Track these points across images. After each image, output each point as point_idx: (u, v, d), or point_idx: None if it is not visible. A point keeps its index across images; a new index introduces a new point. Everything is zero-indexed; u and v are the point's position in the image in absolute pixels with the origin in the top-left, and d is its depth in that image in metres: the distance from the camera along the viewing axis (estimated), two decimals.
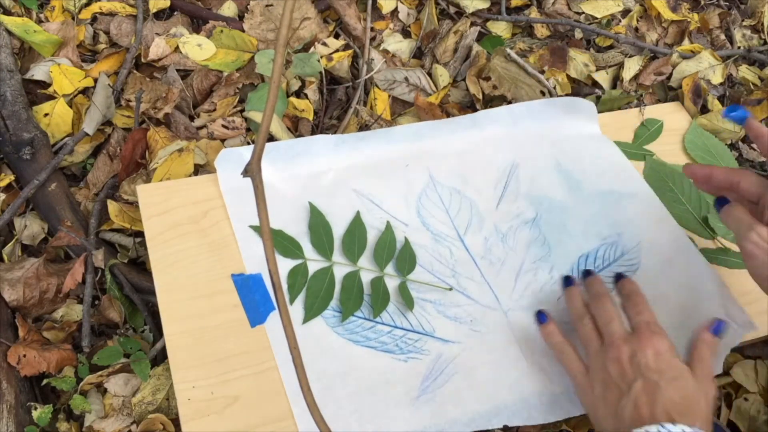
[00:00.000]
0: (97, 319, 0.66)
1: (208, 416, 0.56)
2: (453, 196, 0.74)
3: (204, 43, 0.85)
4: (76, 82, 0.80)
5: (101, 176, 0.75)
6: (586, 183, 0.76)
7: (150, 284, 0.64)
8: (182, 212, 0.67)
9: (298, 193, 0.70)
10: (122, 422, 0.60)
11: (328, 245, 0.67)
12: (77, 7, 0.88)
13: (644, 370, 0.53)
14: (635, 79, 0.91)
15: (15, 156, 0.72)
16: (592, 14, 0.99)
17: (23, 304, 0.65)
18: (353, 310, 0.63)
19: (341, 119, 0.83)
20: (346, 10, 0.90)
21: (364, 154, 0.74)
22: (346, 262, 0.66)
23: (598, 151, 0.79)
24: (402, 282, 0.66)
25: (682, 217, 0.76)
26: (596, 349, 0.56)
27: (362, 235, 0.68)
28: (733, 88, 0.94)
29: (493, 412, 0.59)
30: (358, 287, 0.64)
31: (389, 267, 0.67)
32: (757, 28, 1.02)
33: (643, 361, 0.53)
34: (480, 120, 0.79)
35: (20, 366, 0.60)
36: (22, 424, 0.59)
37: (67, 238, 0.68)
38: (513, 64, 0.86)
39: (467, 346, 0.63)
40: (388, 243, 0.68)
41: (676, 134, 0.84)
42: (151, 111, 0.78)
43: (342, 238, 0.68)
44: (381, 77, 0.87)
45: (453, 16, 0.97)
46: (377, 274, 0.66)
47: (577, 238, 0.72)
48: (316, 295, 0.63)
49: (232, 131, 0.79)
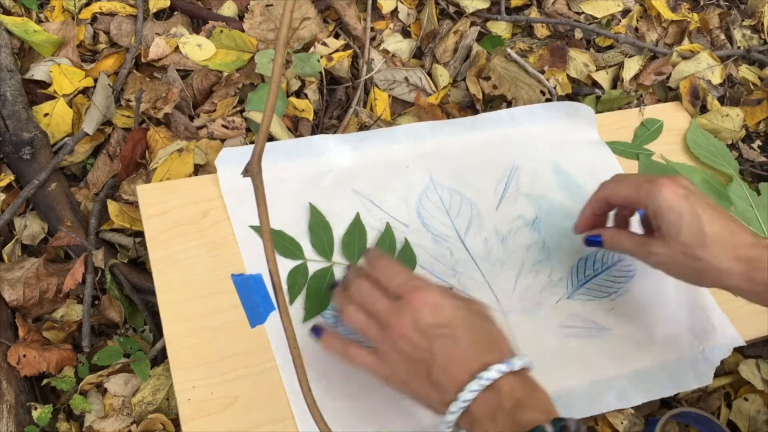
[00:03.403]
0: (97, 319, 0.66)
1: (208, 416, 0.56)
2: (453, 197, 0.74)
3: (204, 43, 0.85)
4: (76, 82, 0.80)
5: (101, 176, 0.75)
6: (585, 187, 0.76)
7: (150, 284, 0.64)
8: (182, 212, 0.67)
9: (298, 193, 0.70)
10: (122, 422, 0.60)
11: (328, 245, 0.67)
12: (77, 7, 0.88)
13: (432, 330, 0.50)
14: (635, 79, 0.91)
15: (15, 156, 0.72)
16: (592, 14, 0.99)
17: (23, 304, 0.65)
18: None
19: (341, 119, 0.83)
20: (346, 10, 0.90)
21: (364, 154, 0.74)
22: (347, 262, 0.66)
23: (597, 157, 0.79)
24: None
25: None
26: (377, 334, 0.52)
27: (362, 236, 0.68)
28: (733, 88, 0.94)
29: None
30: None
31: None
32: (757, 28, 1.02)
33: (425, 322, 0.50)
34: (480, 122, 0.79)
35: (20, 366, 0.60)
36: (22, 424, 0.59)
37: (67, 238, 0.68)
38: (513, 64, 0.86)
39: None
40: (388, 243, 0.68)
41: (676, 134, 0.84)
42: (151, 111, 0.78)
43: (342, 239, 0.68)
44: (381, 77, 0.87)
45: (453, 16, 0.97)
46: None
47: (576, 241, 0.72)
48: (316, 295, 0.63)
49: (232, 131, 0.78)
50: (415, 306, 0.51)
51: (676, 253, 0.57)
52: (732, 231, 0.56)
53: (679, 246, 0.56)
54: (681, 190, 0.57)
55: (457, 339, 0.49)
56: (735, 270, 0.55)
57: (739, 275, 0.55)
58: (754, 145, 0.89)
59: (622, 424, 0.63)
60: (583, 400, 0.61)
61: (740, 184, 0.79)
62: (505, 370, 0.48)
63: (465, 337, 0.50)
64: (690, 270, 0.57)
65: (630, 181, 0.61)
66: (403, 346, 0.50)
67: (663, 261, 0.59)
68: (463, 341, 0.50)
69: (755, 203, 0.78)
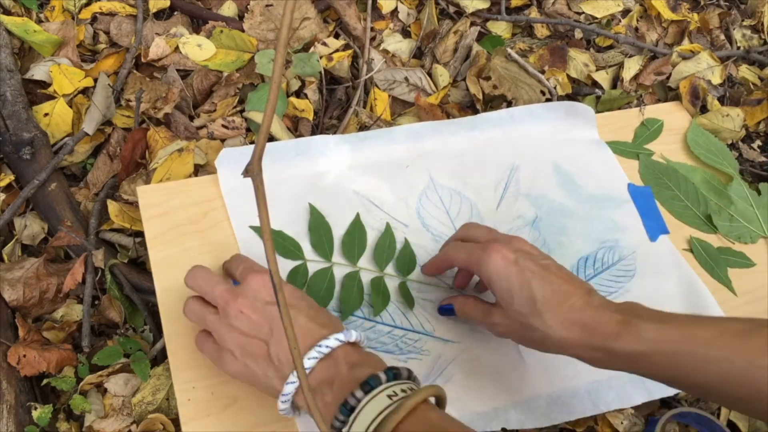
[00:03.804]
0: (97, 319, 0.66)
1: (208, 416, 0.56)
2: (453, 197, 0.74)
3: (204, 43, 0.85)
4: (76, 82, 0.80)
5: (101, 176, 0.75)
6: (585, 186, 0.76)
7: (150, 284, 0.64)
8: (182, 213, 0.67)
9: (298, 193, 0.70)
10: (122, 422, 0.60)
11: (328, 246, 0.67)
12: (77, 7, 0.88)
13: (270, 307, 0.50)
14: (635, 79, 0.91)
15: (15, 156, 0.72)
16: (592, 14, 0.99)
17: (23, 304, 0.65)
18: (353, 309, 0.63)
19: (341, 119, 0.83)
20: (346, 10, 0.90)
21: (364, 154, 0.74)
22: (346, 263, 0.66)
23: (597, 157, 0.79)
24: (402, 282, 0.66)
25: (682, 215, 0.76)
26: (214, 319, 0.52)
27: (362, 237, 0.68)
28: (733, 88, 0.94)
29: (492, 414, 0.59)
30: (358, 287, 0.64)
31: (389, 267, 0.67)
32: (757, 28, 1.02)
33: (262, 299, 0.51)
34: (480, 122, 0.79)
35: (20, 366, 0.60)
36: (22, 424, 0.59)
37: (67, 238, 0.68)
38: (513, 64, 0.86)
39: (467, 346, 0.63)
40: (388, 244, 0.68)
41: (677, 134, 0.84)
42: (151, 111, 0.78)
43: (342, 239, 0.68)
44: (381, 77, 0.87)
45: (453, 16, 0.97)
46: (377, 274, 0.66)
47: (576, 240, 0.72)
48: (316, 295, 0.63)
49: (232, 131, 0.78)
50: (252, 286, 0.52)
51: (514, 323, 0.54)
52: (563, 294, 0.52)
53: (515, 315, 0.53)
54: (511, 254, 0.54)
55: (295, 315, 0.50)
56: (569, 338, 0.51)
57: (574, 343, 0.51)
58: (754, 145, 0.89)
59: (622, 424, 0.63)
60: (583, 399, 0.61)
61: (740, 183, 0.79)
62: (342, 339, 0.49)
63: (302, 315, 0.51)
64: (529, 340, 0.54)
65: (465, 247, 0.59)
66: (240, 324, 0.51)
67: (504, 332, 0.56)
68: (300, 318, 0.51)
69: (755, 203, 0.78)
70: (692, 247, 0.73)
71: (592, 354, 0.50)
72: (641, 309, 0.51)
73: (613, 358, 0.50)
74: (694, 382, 0.48)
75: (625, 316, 0.50)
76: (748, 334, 0.46)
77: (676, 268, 0.71)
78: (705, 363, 0.46)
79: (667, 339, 0.48)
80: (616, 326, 0.50)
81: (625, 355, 0.49)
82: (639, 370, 0.50)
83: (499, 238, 0.58)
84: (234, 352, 0.51)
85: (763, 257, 0.74)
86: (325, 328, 0.51)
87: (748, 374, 0.45)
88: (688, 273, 0.71)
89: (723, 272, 0.71)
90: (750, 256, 0.74)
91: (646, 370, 0.50)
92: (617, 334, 0.49)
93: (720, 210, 0.77)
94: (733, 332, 0.47)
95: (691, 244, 0.74)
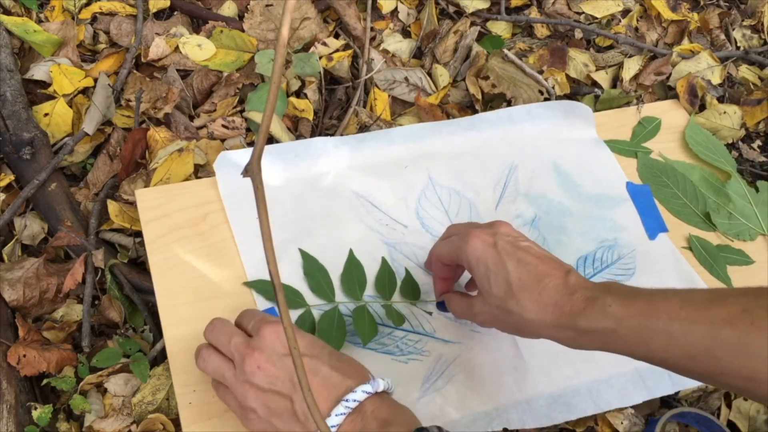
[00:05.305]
0: (97, 319, 0.66)
1: (209, 420, 0.56)
2: (452, 197, 0.74)
3: (204, 43, 0.85)
4: (76, 82, 0.80)
5: (101, 176, 0.75)
6: (584, 185, 0.77)
7: (150, 284, 0.64)
8: (181, 216, 0.67)
9: (297, 195, 0.70)
10: (122, 422, 0.60)
11: (327, 287, 0.65)
12: (77, 7, 0.88)
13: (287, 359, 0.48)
14: (635, 79, 0.91)
15: (15, 156, 0.72)
16: (592, 14, 0.99)
17: (23, 304, 0.65)
18: (371, 336, 0.62)
19: (341, 119, 0.83)
20: (346, 10, 0.90)
21: (363, 155, 0.74)
22: (350, 300, 0.65)
23: (595, 156, 0.80)
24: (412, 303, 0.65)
25: (680, 213, 0.76)
26: (232, 374, 0.50)
27: (360, 272, 0.66)
28: (732, 88, 0.94)
29: (493, 414, 0.59)
30: (369, 317, 0.63)
31: (396, 295, 0.66)
32: (757, 28, 1.02)
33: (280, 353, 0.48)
34: (479, 122, 0.79)
35: (20, 366, 0.60)
36: (22, 424, 0.59)
37: (67, 238, 0.68)
38: (510, 64, 0.86)
39: (468, 347, 0.63)
40: (388, 276, 0.66)
41: (674, 132, 0.85)
42: (151, 111, 0.78)
43: (340, 279, 0.66)
44: (381, 77, 0.87)
45: (453, 16, 0.97)
46: (385, 302, 0.65)
47: (575, 239, 0.72)
48: (327, 338, 0.60)
49: (232, 131, 0.78)
50: (267, 339, 0.49)
51: (493, 308, 0.52)
52: (538, 275, 0.50)
53: (493, 299, 0.51)
54: (490, 238, 0.53)
55: (317, 366, 0.49)
56: (544, 319, 0.49)
57: (548, 324, 0.48)
58: (754, 145, 0.89)
59: (622, 424, 0.63)
60: (584, 399, 0.61)
61: (739, 181, 0.79)
62: (370, 390, 0.48)
63: (325, 365, 0.49)
64: (507, 324, 0.53)
65: (449, 240, 0.58)
66: (259, 381, 0.48)
67: (486, 320, 0.55)
68: (323, 369, 0.49)
69: (754, 200, 0.78)
70: (691, 245, 0.73)
71: (564, 333, 0.48)
72: (615, 286, 0.49)
73: (582, 336, 0.47)
74: (663, 359, 0.45)
75: (594, 292, 0.48)
76: (711, 304, 0.43)
77: (675, 266, 0.71)
78: (668, 337, 0.43)
79: (632, 314, 0.45)
80: (582, 303, 0.47)
81: (593, 333, 0.47)
82: (612, 348, 0.47)
83: (480, 225, 0.57)
84: (257, 411, 0.49)
85: (761, 254, 0.74)
86: (351, 377, 0.49)
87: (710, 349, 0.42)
88: (688, 271, 0.71)
89: (722, 270, 0.72)
90: (749, 254, 0.74)
91: (619, 347, 0.47)
92: (583, 310, 0.47)
93: (719, 208, 0.77)
94: (696, 303, 0.44)
95: (690, 242, 0.74)
